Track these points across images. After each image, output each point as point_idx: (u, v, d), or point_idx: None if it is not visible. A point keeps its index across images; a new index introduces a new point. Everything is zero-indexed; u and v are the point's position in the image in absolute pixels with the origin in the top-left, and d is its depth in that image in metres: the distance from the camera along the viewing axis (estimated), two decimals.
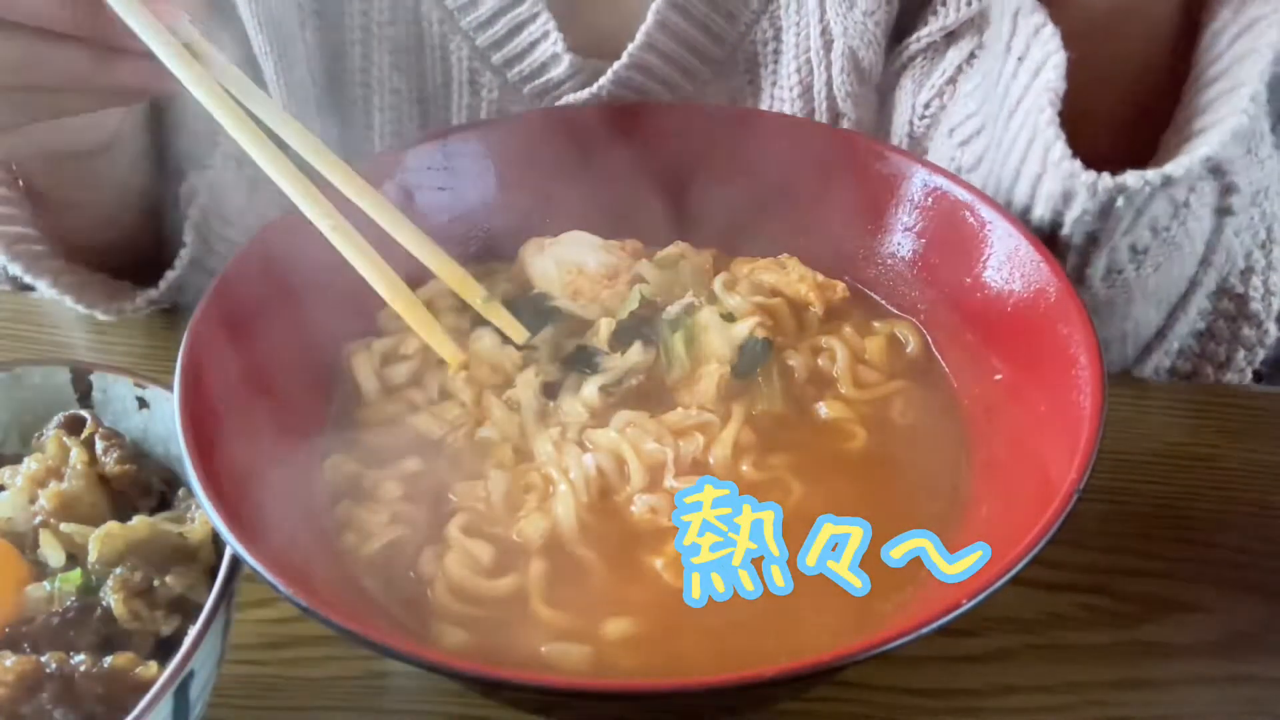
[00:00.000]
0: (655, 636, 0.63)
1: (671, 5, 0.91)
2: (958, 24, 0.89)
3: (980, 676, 0.71)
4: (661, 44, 0.93)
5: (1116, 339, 0.89)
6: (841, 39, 0.92)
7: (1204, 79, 0.75)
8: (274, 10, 0.94)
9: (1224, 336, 0.91)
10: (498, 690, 0.64)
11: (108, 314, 0.90)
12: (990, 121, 0.81)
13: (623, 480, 0.70)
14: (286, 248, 0.75)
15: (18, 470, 0.67)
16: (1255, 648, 0.73)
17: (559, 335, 0.79)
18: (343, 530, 0.69)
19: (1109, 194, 0.72)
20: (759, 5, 0.95)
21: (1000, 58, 0.79)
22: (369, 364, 0.77)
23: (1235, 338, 0.91)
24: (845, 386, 0.76)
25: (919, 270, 0.80)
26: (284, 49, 0.96)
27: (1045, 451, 0.64)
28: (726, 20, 0.95)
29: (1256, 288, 0.88)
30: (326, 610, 0.55)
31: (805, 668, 0.53)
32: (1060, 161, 0.73)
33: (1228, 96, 0.73)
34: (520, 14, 0.93)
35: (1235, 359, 0.91)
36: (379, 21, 0.96)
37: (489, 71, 0.96)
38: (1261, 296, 0.89)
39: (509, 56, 0.95)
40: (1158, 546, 0.78)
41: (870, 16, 0.91)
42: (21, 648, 0.59)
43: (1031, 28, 0.76)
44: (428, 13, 0.95)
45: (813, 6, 0.92)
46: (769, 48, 0.96)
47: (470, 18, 0.94)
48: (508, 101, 0.97)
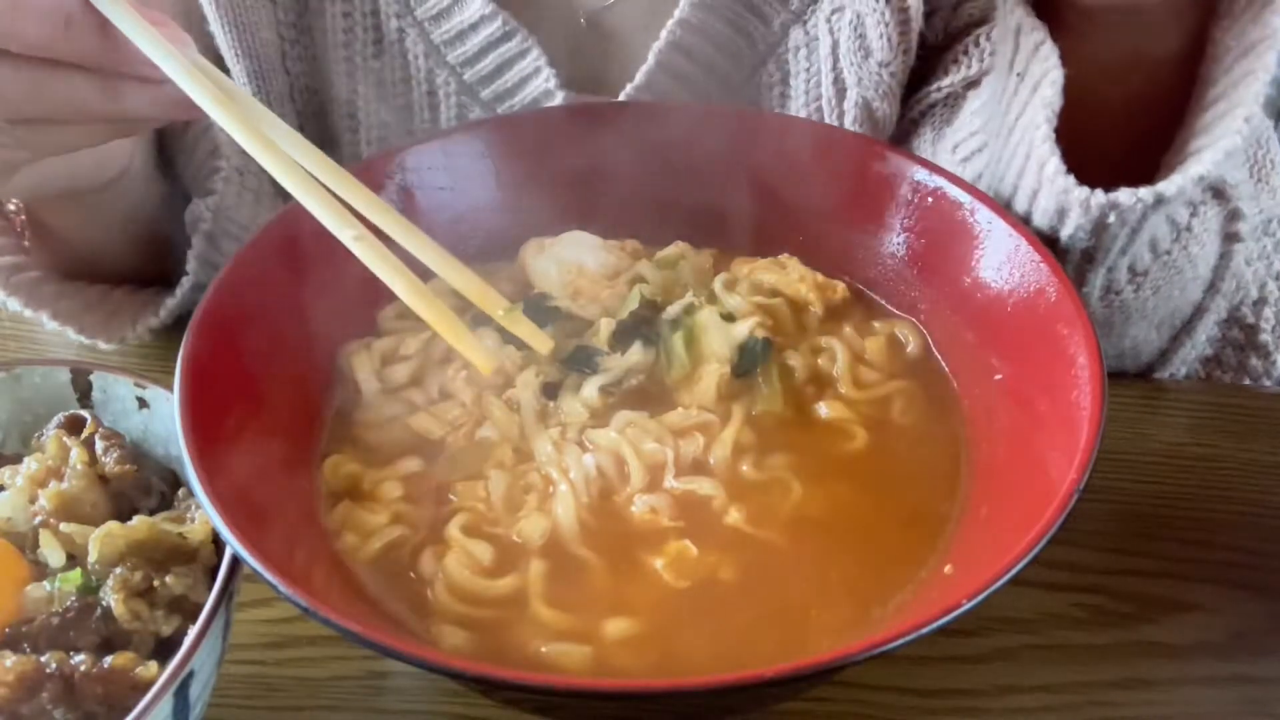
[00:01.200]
0: (655, 636, 0.63)
1: (674, 46, 0.89)
2: (980, 75, 0.88)
3: (980, 676, 0.71)
4: (661, 85, 0.91)
5: (1113, 357, 0.88)
6: (855, 89, 0.90)
7: (1204, 101, 0.75)
8: (254, 43, 0.93)
9: (1230, 365, 0.91)
10: (498, 690, 0.64)
11: (109, 344, 0.90)
12: (992, 138, 0.81)
13: (623, 480, 0.70)
14: (286, 248, 0.75)
15: (18, 470, 0.67)
16: (1255, 648, 0.73)
17: (559, 335, 0.79)
18: (343, 530, 0.69)
19: (1102, 210, 0.72)
20: (765, 50, 0.93)
21: (1004, 75, 0.78)
22: (369, 364, 0.77)
23: (1242, 367, 0.91)
24: (845, 386, 0.76)
25: (919, 270, 0.80)
26: (266, 81, 0.95)
27: (1045, 451, 0.65)
28: (731, 63, 0.93)
29: (1268, 319, 0.88)
30: (326, 610, 0.55)
31: (805, 668, 0.53)
32: (1055, 177, 0.73)
33: (1224, 118, 0.73)
34: (509, 50, 0.92)
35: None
36: (363, 55, 0.95)
37: (478, 107, 0.95)
38: (1272, 328, 0.88)
39: (499, 92, 0.94)
40: (1158, 546, 0.78)
41: (886, 68, 0.89)
42: (21, 648, 0.59)
43: (1031, 45, 0.76)
44: (412, 46, 0.94)
45: (825, 54, 0.90)
46: (775, 91, 0.95)
47: (457, 53, 0.93)
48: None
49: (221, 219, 0.89)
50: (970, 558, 0.63)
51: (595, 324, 0.78)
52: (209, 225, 0.88)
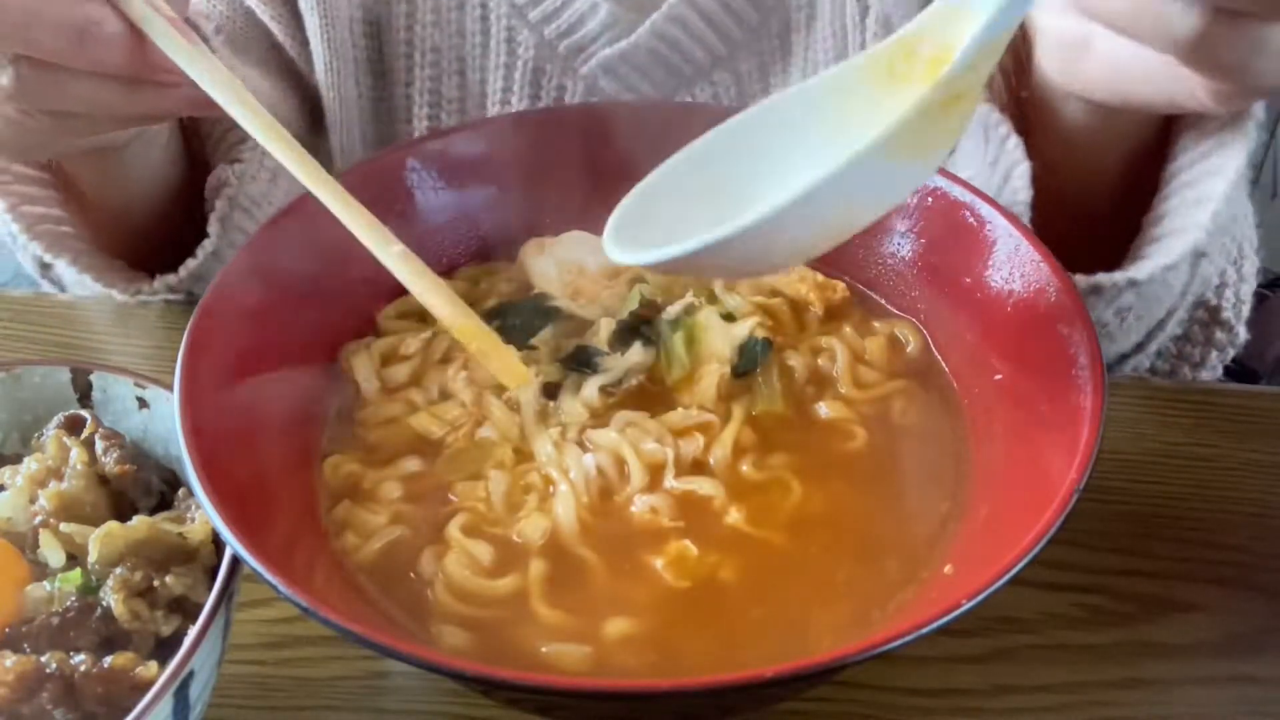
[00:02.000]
0: (655, 636, 0.63)
1: None
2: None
3: (980, 676, 0.71)
4: (702, 2, 0.94)
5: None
6: (878, 5, 0.93)
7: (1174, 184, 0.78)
8: None
9: (1199, 340, 0.94)
10: (498, 690, 0.64)
11: (125, 295, 0.90)
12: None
13: (623, 480, 0.70)
14: (287, 248, 0.75)
15: (18, 470, 0.67)
16: (1255, 648, 0.73)
17: (559, 335, 0.79)
18: (343, 530, 0.69)
19: (1085, 291, 0.75)
20: None
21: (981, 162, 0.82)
22: (369, 364, 0.77)
23: (1209, 341, 0.93)
24: (845, 386, 0.76)
25: (919, 270, 0.80)
26: (327, 4, 0.98)
27: (1045, 451, 0.64)
28: None
29: (1229, 299, 0.91)
30: (326, 610, 0.55)
31: (805, 668, 0.53)
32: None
33: (1192, 209, 0.76)
34: None
35: (1209, 359, 0.94)
36: None
37: (526, 29, 0.97)
38: (1233, 305, 0.92)
39: (546, 12, 0.96)
40: (1158, 546, 0.78)
41: None
42: (21, 648, 0.59)
43: (999, 139, 0.79)
44: None
45: None
46: (803, 13, 0.97)
47: None
48: (543, 60, 0.98)
49: (245, 183, 0.90)
50: (970, 558, 0.63)
51: (595, 324, 0.78)
52: (234, 190, 0.89)
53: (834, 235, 0.63)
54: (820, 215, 0.59)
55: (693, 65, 0.99)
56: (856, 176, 0.57)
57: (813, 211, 0.58)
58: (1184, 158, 0.78)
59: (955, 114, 0.58)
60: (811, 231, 0.61)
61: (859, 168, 0.57)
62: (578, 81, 1.00)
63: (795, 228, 0.59)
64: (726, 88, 1.00)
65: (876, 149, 0.56)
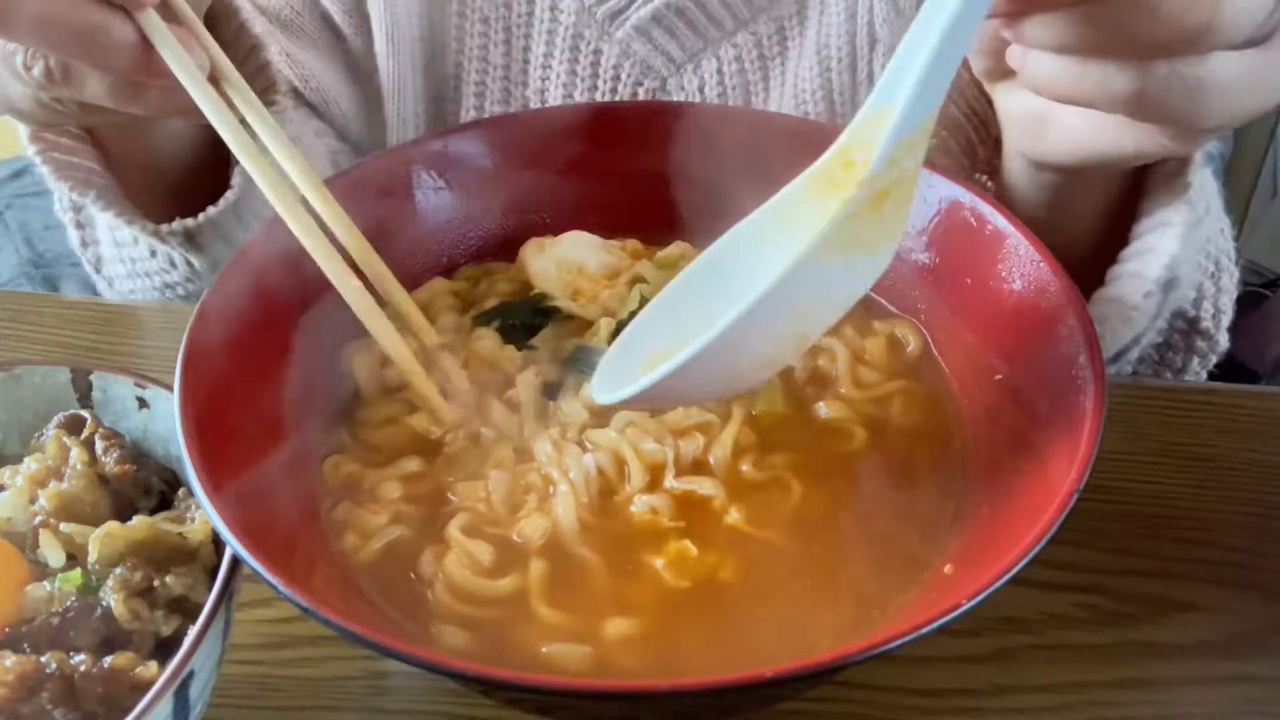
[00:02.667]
0: (655, 636, 0.63)
1: None
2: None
3: (980, 676, 0.71)
4: None
5: None
6: None
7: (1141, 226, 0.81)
8: None
9: (1180, 347, 0.95)
10: (498, 690, 0.64)
11: (145, 232, 0.90)
12: None
13: (623, 480, 0.70)
14: (287, 248, 0.75)
15: (18, 470, 0.67)
16: (1255, 648, 0.73)
17: (559, 335, 0.79)
18: (343, 531, 0.69)
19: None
20: None
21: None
22: (369, 364, 0.77)
23: (1190, 349, 0.95)
24: (845, 386, 0.76)
25: (919, 270, 0.80)
26: None
27: (1045, 451, 0.64)
28: None
29: (1207, 310, 0.92)
30: (326, 610, 0.55)
31: (805, 668, 0.53)
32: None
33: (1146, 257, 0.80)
34: None
35: (1190, 365, 0.96)
36: None
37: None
38: (1212, 316, 0.93)
39: None
40: (1158, 546, 0.78)
41: None
42: (21, 648, 0.59)
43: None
44: None
45: None
46: None
47: None
48: (582, 26, 1.02)
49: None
50: (970, 558, 0.63)
51: (595, 324, 0.78)
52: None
53: (798, 341, 0.66)
54: (772, 327, 0.62)
55: (718, 27, 1.02)
56: (798, 285, 0.61)
57: (763, 325, 0.61)
58: (1144, 221, 0.81)
59: (889, 207, 0.62)
60: (772, 343, 0.64)
61: (798, 276, 0.60)
62: (613, 45, 1.03)
63: (752, 344, 0.63)
64: (749, 49, 1.03)
65: (810, 257, 0.60)
